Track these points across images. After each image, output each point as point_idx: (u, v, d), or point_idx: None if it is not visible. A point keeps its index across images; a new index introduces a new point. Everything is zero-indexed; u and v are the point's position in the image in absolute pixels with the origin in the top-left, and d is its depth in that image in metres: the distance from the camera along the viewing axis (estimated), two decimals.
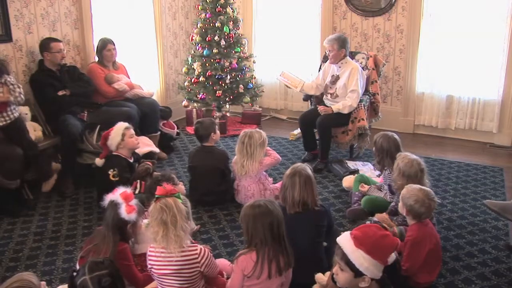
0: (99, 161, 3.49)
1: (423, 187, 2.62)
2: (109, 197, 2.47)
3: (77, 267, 2.36)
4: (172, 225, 2.13)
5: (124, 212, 2.36)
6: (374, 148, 3.40)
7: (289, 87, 4.67)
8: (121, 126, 3.51)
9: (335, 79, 4.29)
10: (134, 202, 2.43)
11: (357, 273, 1.92)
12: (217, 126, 3.74)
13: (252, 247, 2.21)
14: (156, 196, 2.19)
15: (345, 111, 4.17)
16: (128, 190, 2.47)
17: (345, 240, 1.96)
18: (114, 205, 2.40)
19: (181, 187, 3.01)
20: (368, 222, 2.41)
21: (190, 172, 3.70)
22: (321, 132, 4.23)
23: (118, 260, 2.27)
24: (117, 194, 2.43)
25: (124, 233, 2.44)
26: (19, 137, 3.46)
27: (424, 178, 2.89)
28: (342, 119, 4.23)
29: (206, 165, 3.56)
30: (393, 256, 2.10)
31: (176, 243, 2.13)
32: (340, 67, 4.26)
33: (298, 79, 4.54)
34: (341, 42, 4.17)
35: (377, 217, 2.90)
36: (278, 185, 3.44)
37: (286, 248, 2.23)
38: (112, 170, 3.35)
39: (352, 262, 1.91)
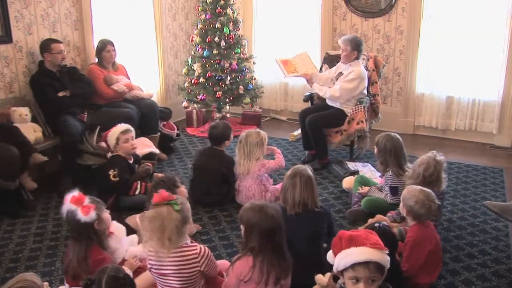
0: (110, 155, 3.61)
1: (424, 188, 2.63)
2: (64, 208, 2.37)
3: (65, 284, 2.31)
4: (160, 233, 2.10)
5: (82, 216, 2.29)
6: (376, 149, 3.39)
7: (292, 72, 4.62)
8: (117, 129, 3.53)
9: (340, 76, 4.32)
10: (87, 201, 2.36)
11: (383, 273, 1.79)
12: (232, 133, 3.76)
13: (248, 251, 2.18)
14: (153, 203, 2.17)
15: (320, 93, 4.36)
16: (76, 193, 2.37)
17: (368, 252, 1.75)
18: (71, 213, 2.33)
19: (183, 190, 2.99)
20: (377, 224, 2.38)
21: (193, 170, 3.70)
22: (311, 130, 4.24)
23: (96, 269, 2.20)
24: (68, 202, 2.34)
25: (95, 234, 2.37)
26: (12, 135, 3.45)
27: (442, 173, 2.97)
28: (335, 120, 4.24)
29: (211, 166, 3.56)
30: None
31: (165, 248, 2.12)
32: (347, 68, 4.28)
33: (311, 65, 4.60)
34: (354, 45, 4.20)
35: (376, 218, 2.90)
36: (278, 186, 3.44)
37: (283, 255, 2.19)
38: (112, 170, 3.36)
39: (384, 265, 1.77)
